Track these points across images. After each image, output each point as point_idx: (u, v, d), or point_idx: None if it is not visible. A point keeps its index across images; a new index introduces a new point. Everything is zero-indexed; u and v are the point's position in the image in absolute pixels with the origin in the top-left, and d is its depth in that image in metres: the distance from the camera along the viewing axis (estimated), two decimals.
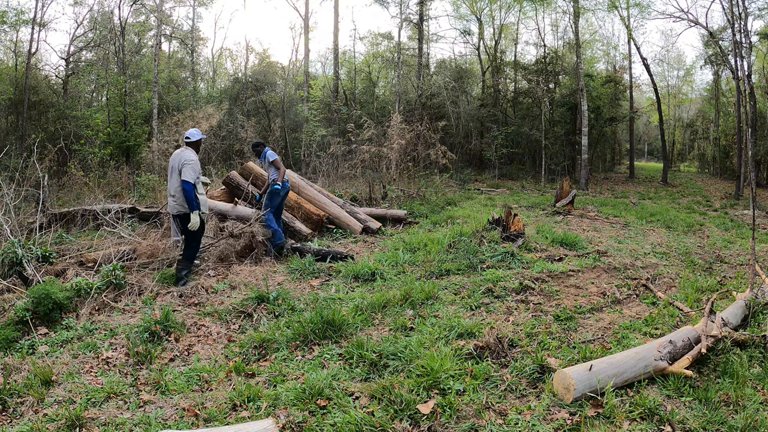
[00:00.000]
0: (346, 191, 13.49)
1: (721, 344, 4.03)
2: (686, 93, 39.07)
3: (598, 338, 4.62)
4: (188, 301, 6.13)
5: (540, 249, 7.98)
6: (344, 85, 27.49)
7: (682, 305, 5.27)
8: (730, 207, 15.46)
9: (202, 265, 7.39)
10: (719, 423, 3.29)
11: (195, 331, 5.26)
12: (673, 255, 8.13)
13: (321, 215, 9.69)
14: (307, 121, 21.35)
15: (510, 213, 8.22)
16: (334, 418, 3.42)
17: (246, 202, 9.79)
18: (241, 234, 8.06)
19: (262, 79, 24.81)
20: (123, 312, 5.58)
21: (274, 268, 7.41)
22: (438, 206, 12.94)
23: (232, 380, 4.06)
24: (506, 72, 27.49)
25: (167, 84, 24.05)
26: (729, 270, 7.23)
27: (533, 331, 4.80)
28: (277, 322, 5.23)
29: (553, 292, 5.93)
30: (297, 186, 10.29)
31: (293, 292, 6.25)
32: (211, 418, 3.51)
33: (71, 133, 17.83)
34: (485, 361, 4.16)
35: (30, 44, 19.54)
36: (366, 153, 13.54)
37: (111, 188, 13.28)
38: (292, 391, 3.73)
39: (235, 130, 19.07)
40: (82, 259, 7.14)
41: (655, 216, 12.44)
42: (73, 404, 3.67)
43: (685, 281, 6.39)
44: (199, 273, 7.27)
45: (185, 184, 6.18)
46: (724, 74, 27.58)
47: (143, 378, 4.13)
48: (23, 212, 9.26)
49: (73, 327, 5.10)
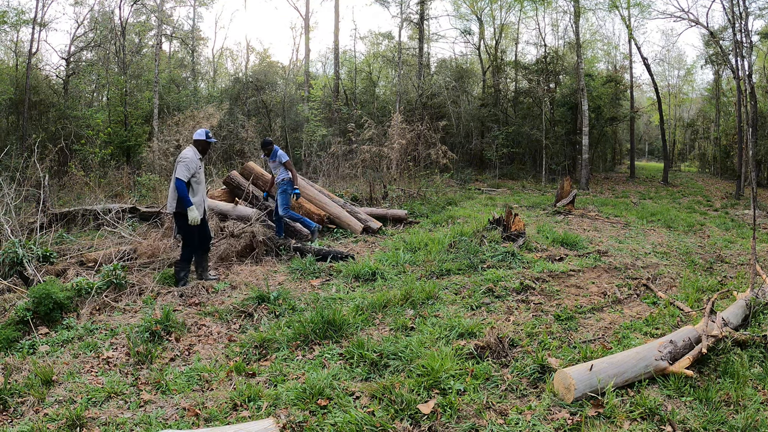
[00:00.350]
0: (347, 191, 13.49)
1: (722, 344, 4.03)
2: (687, 93, 39.06)
3: (598, 338, 4.62)
4: (189, 300, 6.11)
5: (541, 249, 7.98)
6: (345, 85, 27.49)
7: (682, 305, 5.26)
8: (730, 207, 15.46)
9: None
10: (720, 423, 3.28)
11: (195, 331, 5.24)
12: (674, 255, 8.13)
13: (322, 215, 9.70)
14: (308, 121, 21.35)
15: (511, 213, 8.22)
16: (334, 417, 3.42)
17: (247, 202, 9.80)
18: (242, 234, 8.07)
19: (262, 78, 24.80)
20: (124, 312, 5.58)
21: (274, 267, 7.41)
22: (438, 206, 12.94)
23: (232, 380, 4.06)
24: (507, 72, 27.48)
25: (168, 84, 24.05)
26: (730, 270, 7.23)
27: (534, 330, 4.80)
28: (278, 321, 5.23)
29: (553, 292, 5.93)
30: (298, 186, 10.28)
31: (294, 292, 6.25)
32: (211, 417, 3.50)
33: (72, 133, 17.83)
34: (486, 360, 4.16)
35: (30, 44, 19.57)
36: (366, 153, 13.54)
37: (111, 188, 13.29)
38: (293, 391, 3.72)
39: (236, 129, 19.06)
40: (82, 259, 7.14)
41: (655, 216, 12.44)
42: (74, 404, 3.67)
43: (686, 281, 6.39)
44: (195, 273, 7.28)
45: (177, 181, 6.14)
46: (725, 74, 27.58)
47: (144, 378, 4.12)
48: (24, 212, 9.27)
49: (74, 327, 5.09)
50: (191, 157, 6.19)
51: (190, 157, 6.19)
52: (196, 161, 6.21)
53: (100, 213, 9.31)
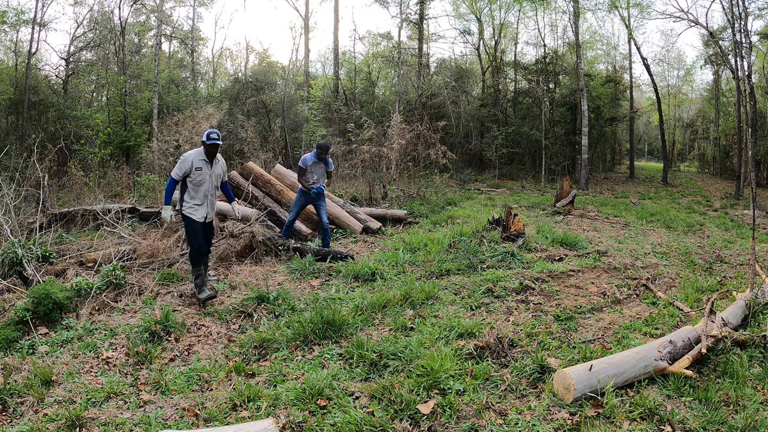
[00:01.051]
0: (347, 191, 13.49)
1: (722, 344, 4.03)
2: (686, 93, 39.04)
3: (598, 338, 4.62)
4: (188, 301, 6.11)
5: (540, 249, 7.98)
6: (344, 85, 27.48)
7: (682, 305, 5.27)
8: (730, 207, 15.47)
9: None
10: (719, 423, 3.28)
11: (195, 331, 5.24)
12: (674, 255, 8.14)
13: None
14: (307, 121, 21.33)
15: (510, 213, 8.22)
16: (334, 418, 3.42)
17: (246, 202, 9.80)
18: (242, 234, 8.07)
19: (262, 79, 24.78)
20: (123, 312, 5.57)
21: (274, 268, 7.41)
22: (438, 206, 12.94)
23: (232, 380, 4.06)
24: (506, 72, 27.48)
25: (167, 84, 24.05)
26: (729, 270, 7.23)
27: (533, 331, 4.79)
28: (278, 322, 5.22)
29: (553, 292, 5.93)
30: (297, 186, 10.29)
31: (293, 292, 6.24)
32: (211, 417, 3.50)
33: (71, 133, 17.81)
34: (485, 361, 4.16)
35: (30, 44, 19.58)
36: (366, 153, 13.53)
37: (111, 188, 13.29)
38: (293, 391, 3.72)
39: (236, 130, 19.05)
40: (82, 259, 7.14)
41: (655, 216, 12.45)
42: (73, 404, 3.67)
43: (686, 281, 6.39)
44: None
45: (169, 179, 6.13)
46: (725, 74, 27.57)
47: (143, 378, 4.13)
48: (23, 212, 9.25)
49: (74, 327, 5.09)
50: (187, 157, 6.09)
51: (186, 157, 6.09)
52: (191, 161, 5.97)
53: (99, 213, 9.29)
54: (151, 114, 19.18)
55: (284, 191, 10.01)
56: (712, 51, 25.80)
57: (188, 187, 6.16)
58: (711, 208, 15.35)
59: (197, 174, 6.08)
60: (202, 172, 6.08)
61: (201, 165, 6.09)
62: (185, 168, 6.01)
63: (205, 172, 6.11)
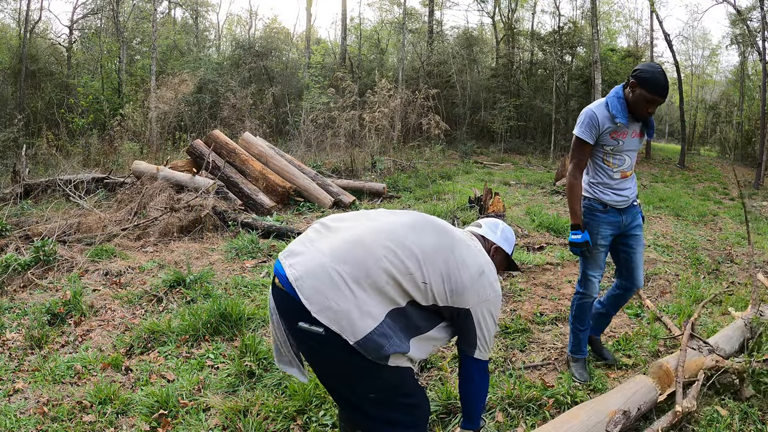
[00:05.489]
0: (329, 161, 12.57)
1: (703, 389, 3.02)
2: (711, 74, 36.99)
3: (546, 364, 3.55)
4: (112, 280, 5.48)
5: (521, 234, 7.00)
6: (351, 52, 26.26)
7: (670, 322, 4.15)
8: (748, 197, 14.18)
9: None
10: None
11: (102, 315, 4.63)
12: (677, 249, 7.04)
13: (287, 187, 8.82)
14: (308, 88, 20.27)
15: (489, 192, 7.24)
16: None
17: (207, 171, 8.95)
18: (190, 208, 7.24)
19: (265, 45, 23.71)
20: (45, 290, 5.14)
21: (214, 245, 6.58)
22: (429, 179, 11.94)
23: (107, 374, 3.56)
24: (521, 42, 25.97)
25: (170, 50, 23.55)
26: (740, 273, 6.09)
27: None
28: (186, 309, 4.45)
29: (516, 292, 4.96)
30: (265, 156, 9.42)
31: (221, 274, 5.44)
32: (57, 418, 3.01)
33: (63, 101, 17.50)
34: None
35: (27, 12, 19.41)
36: (346, 120, 12.51)
37: (92, 157, 12.87)
38: (150, 397, 3.10)
39: (226, 95, 18.06)
40: (28, 233, 6.76)
41: (665, 201, 11.21)
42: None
43: (683, 286, 5.29)
44: (132, 249, 6.60)
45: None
46: (751, 56, 25.76)
47: (27, 364, 3.75)
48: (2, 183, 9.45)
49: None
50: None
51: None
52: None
53: (60, 184, 9.04)
54: (149, 80, 18.48)
55: (249, 161, 9.09)
56: (738, 31, 24.02)
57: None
58: (727, 196, 14.03)
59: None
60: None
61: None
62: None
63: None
